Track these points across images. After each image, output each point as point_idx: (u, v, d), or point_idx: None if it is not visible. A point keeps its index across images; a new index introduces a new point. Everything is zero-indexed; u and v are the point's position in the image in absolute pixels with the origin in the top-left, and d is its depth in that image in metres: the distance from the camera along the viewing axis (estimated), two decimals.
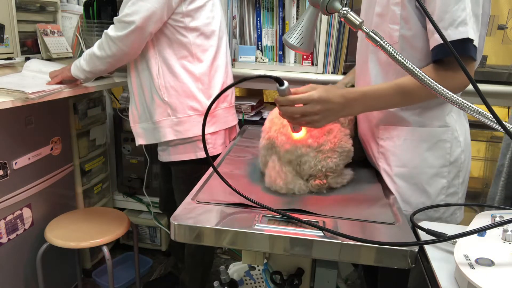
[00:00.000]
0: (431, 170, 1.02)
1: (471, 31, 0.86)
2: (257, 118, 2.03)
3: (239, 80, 0.88)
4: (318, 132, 0.97)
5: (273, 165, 0.98)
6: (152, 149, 2.23)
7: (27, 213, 1.66)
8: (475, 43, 0.88)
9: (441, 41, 0.87)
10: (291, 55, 2.10)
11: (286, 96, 0.88)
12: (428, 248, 0.80)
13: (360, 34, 1.11)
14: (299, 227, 0.81)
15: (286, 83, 0.87)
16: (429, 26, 0.91)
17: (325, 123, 0.92)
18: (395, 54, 0.80)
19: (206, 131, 1.55)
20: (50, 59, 1.88)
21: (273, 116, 1.04)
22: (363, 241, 0.75)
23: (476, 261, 0.65)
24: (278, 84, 0.87)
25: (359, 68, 1.14)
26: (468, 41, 0.86)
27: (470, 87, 0.74)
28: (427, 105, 1.01)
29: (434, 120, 1.02)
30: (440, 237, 0.82)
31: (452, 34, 0.86)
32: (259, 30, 2.11)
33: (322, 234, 0.78)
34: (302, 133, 0.98)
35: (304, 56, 1.99)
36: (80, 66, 1.51)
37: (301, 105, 0.88)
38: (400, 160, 1.04)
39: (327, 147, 0.97)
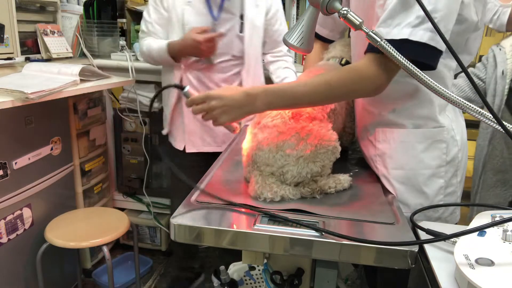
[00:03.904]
0: (428, 171, 1.02)
1: (418, 33, 0.83)
2: None
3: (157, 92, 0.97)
4: (296, 139, 0.94)
5: (256, 179, 0.96)
6: (152, 149, 2.23)
7: (27, 213, 1.66)
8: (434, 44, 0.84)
9: (384, 37, 0.84)
10: (291, 55, 2.10)
11: (189, 98, 0.94)
12: (428, 248, 0.80)
13: (354, 33, 1.10)
14: (299, 227, 0.81)
15: (187, 87, 0.97)
16: (379, 16, 0.89)
17: (228, 118, 0.91)
18: (395, 54, 0.80)
19: None
20: (50, 59, 1.88)
21: (248, 133, 1.04)
22: (361, 241, 0.75)
23: (476, 261, 0.65)
24: (180, 90, 0.96)
25: None
26: (408, 43, 0.84)
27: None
28: (419, 106, 1.01)
29: (428, 121, 1.01)
30: (439, 237, 0.82)
31: (396, 33, 0.84)
32: None
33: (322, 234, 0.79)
34: (247, 139, 1.00)
35: (304, 56, 1.99)
36: None
37: (203, 103, 0.92)
38: (396, 163, 1.04)
39: (308, 151, 0.94)
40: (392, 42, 0.83)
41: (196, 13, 1.62)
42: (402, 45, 0.83)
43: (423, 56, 0.85)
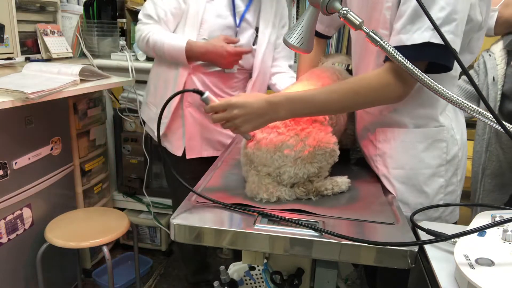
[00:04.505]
0: (428, 170, 1.02)
1: (437, 36, 0.82)
2: None
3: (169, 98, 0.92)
4: (295, 140, 0.94)
5: (252, 179, 0.96)
6: (152, 149, 2.23)
7: (27, 213, 1.66)
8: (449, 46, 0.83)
9: (405, 43, 0.85)
10: (291, 55, 2.10)
11: (209, 105, 0.92)
12: (428, 248, 0.80)
13: (355, 34, 1.10)
14: (299, 227, 0.81)
15: (206, 93, 0.91)
16: (395, 25, 0.89)
17: (250, 127, 0.91)
18: (395, 54, 0.80)
19: None
20: (50, 59, 1.88)
21: None
22: (361, 241, 0.75)
23: (476, 261, 0.65)
24: (200, 95, 0.91)
25: (356, 68, 1.14)
26: (430, 46, 0.84)
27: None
28: (420, 106, 1.01)
29: (428, 120, 1.01)
30: (439, 237, 0.82)
31: (417, 38, 0.84)
32: None
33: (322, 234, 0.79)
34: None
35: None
36: None
37: (224, 111, 0.90)
38: (397, 162, 1.04)
39: (306, 153, 0.94)
40: (413, 47, 0.84)
41: (216, 14, 1.56)
42: (423, 48, 0.84)
43: (444, 58, 0.86)
